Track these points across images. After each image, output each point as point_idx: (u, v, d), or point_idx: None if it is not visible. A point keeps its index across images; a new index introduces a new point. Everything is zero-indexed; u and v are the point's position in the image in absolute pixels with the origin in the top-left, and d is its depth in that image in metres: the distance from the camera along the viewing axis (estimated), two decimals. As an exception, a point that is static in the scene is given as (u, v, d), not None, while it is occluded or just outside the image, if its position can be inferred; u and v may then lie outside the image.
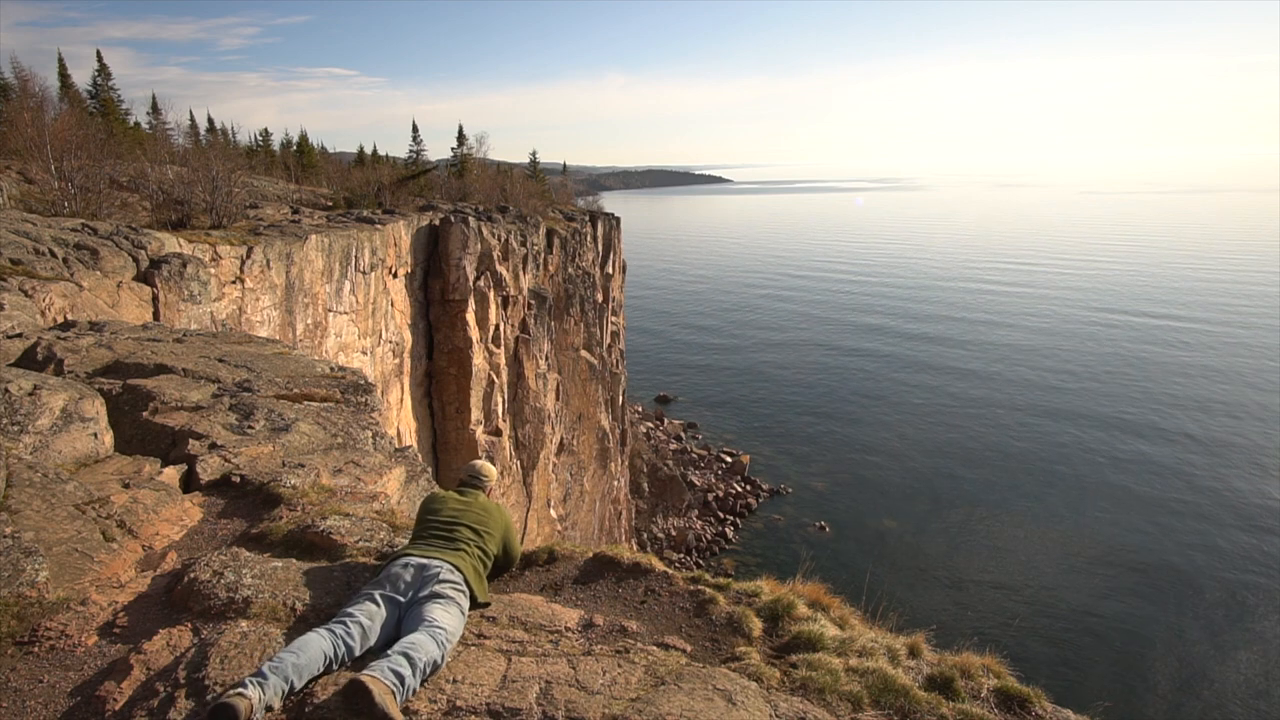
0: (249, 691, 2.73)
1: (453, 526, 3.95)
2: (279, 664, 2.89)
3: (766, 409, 69.32)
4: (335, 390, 7.01)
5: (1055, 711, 3.52)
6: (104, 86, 38.91)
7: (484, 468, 4.64)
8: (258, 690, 2.75)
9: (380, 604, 3.36)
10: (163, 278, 12.02)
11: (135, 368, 6.82)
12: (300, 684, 2.92)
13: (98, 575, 3.75)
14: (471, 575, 3.68)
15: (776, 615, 3.95)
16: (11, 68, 32.11)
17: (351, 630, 3.16)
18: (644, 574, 4.22)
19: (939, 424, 62.91)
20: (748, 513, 52.47)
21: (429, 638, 3.10)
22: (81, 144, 18.47)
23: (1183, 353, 77.55)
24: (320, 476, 5.15)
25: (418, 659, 2.97)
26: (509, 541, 4.25)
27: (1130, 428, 59.53)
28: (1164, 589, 40.10)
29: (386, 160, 53.04)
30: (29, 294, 9.26)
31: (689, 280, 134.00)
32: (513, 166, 63.37)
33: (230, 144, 43.98)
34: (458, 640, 3.32)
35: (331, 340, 20.82)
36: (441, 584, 3.49)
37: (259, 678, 2.81)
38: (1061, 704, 3.61)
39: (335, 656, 3.06)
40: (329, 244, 20.68)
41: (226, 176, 19.35)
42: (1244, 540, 43.64)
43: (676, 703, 2.88)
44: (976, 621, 36.32)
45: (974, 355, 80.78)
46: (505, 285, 31.81)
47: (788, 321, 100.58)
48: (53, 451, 4.95)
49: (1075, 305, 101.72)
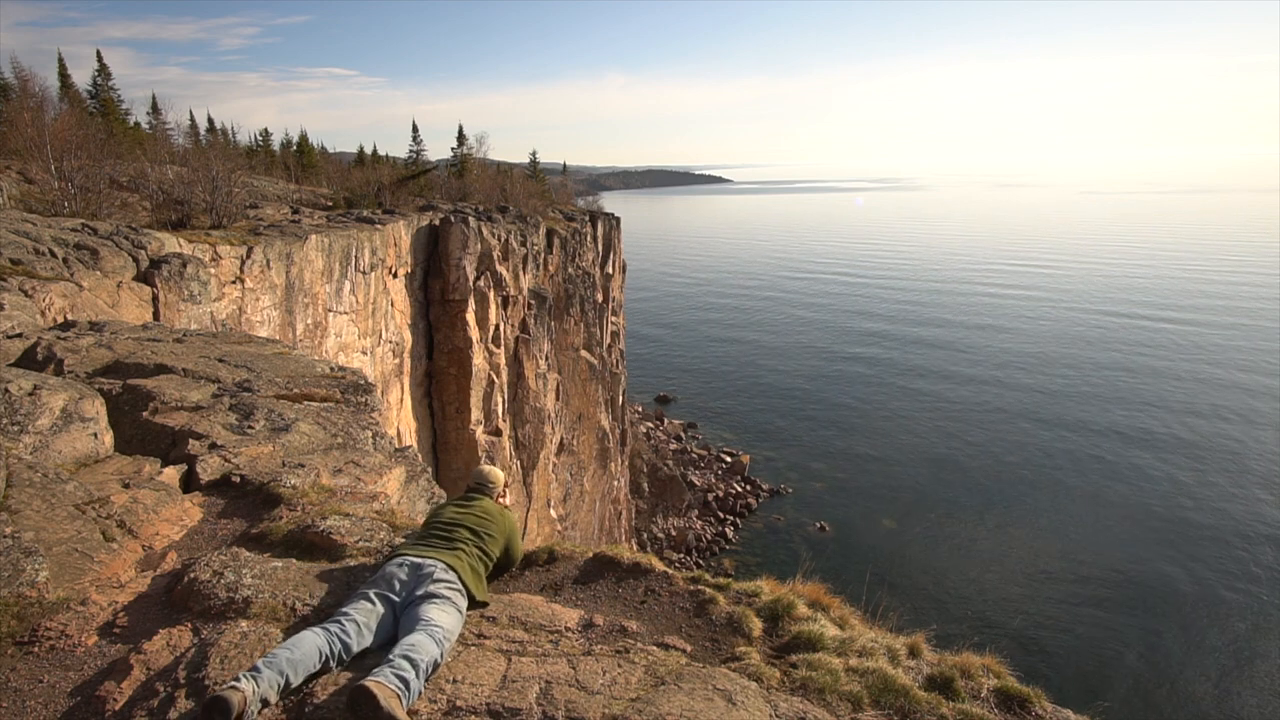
0: (243, 685, 2.73)
1: (452, 528, 3.97)
2: (273, 659, 2.89)
3: (767, 409, 69.32)
4: (335, 390, 7.01)
5: (1055, 711, 3.52)
6: (104, 86, 38.91)
7: (491, 473, 4.64)
8: (251, 684, 2.75)
9: (376, 602, 3.35)
10: (163, 278, 12.01)
11: (135, 368, 6.82)
12: (296, 680, 2.92)
13: (98, 575, 3.75)
14: (468, 574, 3.68)
15: (776, 615, 3.94)
16: (11, 68, 32.14)
17: (347, 628, 3.16)
18: (644, 574, 4.22)
19: (939, 424, 62.91)
20: (748, 513, 52.46)
21: (428, 637, 3.10)
22: (81, 144, 18.46)
23: (1183, 353, 77.56)
24: (320, 476, 5.14)
25: (420, 660, 2.96)
26: (512, 544, 4.25)
27: (1131, 429, 59.52)
28: (1164, 590, 40.10)
29: (386, 160, 53.04)
30: (29, 294, 9.26)
31: (689, 280, 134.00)
32: (513, 166, 63.37)
33: (230, 144, 43.98)
34: (456, 639, 3.32)
35: (331, 340, 20.82)
36: (436, 583, 3.48)
37: (253, 672, 2.82)
38: (1061, 704, 3.61)
39: (331, 654, 3.06)
40: (329, 244, 20.68)
41: (226, 176, 19.35)
42: (1245, 542, 43.64)
43: (676, 703, 2.88)
44: (976, 621, 36.34)
45: (974, 356, 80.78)
46: (505, 285, 31.82)
47: (788, 321, 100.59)
48: (53, 451, 4.95)
49: (1076, 306, 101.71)
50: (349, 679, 3.00)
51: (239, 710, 2.66)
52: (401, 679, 2.83)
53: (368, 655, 3.19)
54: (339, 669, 3.09)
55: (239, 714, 2.67)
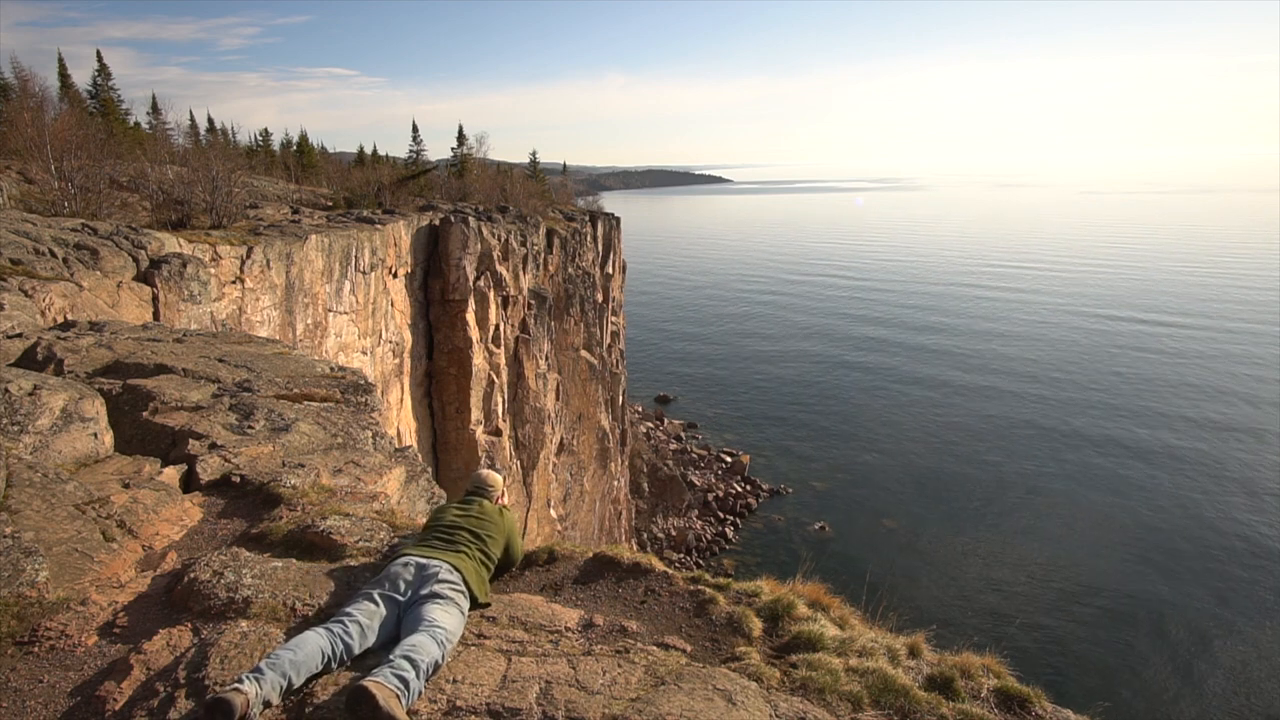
0: (245, 686, 2.73)
1: (453, 530, 3.98)
2: (276, 660, 2.89)
3: (766, 409, 69.31)
4: (335, 390, 7.01)
5: (1055, 711, 3.52)
6: (104, 86, 38.91)
7: (489, 477, 4.64)
8: (254, 685, 2.76)
9: (379, 603, 3.35)
10: (163, 278, 12.01)
11: (135, 368, 6.81)
12: (298, 681, 2.92)
13: (98, 575, 3.75)
14: (471, 575, 3.68)
15: (776, 615, 3.94)
16: (11, 68, 32.14)
17: (350, 629, 3.16)
18: (644, 574, 4.22)
19: (940, 424, 62.89)
20: (748, 513, 52.45)
21: (429, 638, 3.10)
22: (81, 144, 18.46)
23: (1182, 355, 77.56)
24: (320, 476, 5.14)
25: (420, 660, 2.96)
26: (512, 544, 4.27)
27: (1132, 429, 59.52)
28: (1164, 590, 40.09)
29: (386, 160, 53.03)
30: (29, 294, 9.26)
31: (689, 280, 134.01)
32: (513, 166, 63.36)
33: (230, 144, 43.98)
34: (458, 640, 3.32)
35: (331, 340, 20.82)
36: (440, 584, 3.48)
37: (256, 673, 2.81)
38: (1061, 704, 3.61)
39: (334, 655, 3.06)
40: (329, 244, 20.68)
41: (226, 176, 19.35)
42: (1245, 543, 43.64)
43: (676, 703, 2.88)
44: (976, 621, 36.31)
45: (975, 356, 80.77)
46: (505, 285, 31.82)
47: (788, 321, 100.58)
48: (53, 451, 4.95)
49: (1076, 306, 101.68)
50: (349, 679, 3.00)
51: (242, 712, 2.66)
52: (401, 679, 2.83)
53: (369, 655, 3.19)
54: (340, 669, 3.09)
55: (241, 716, 2.67)
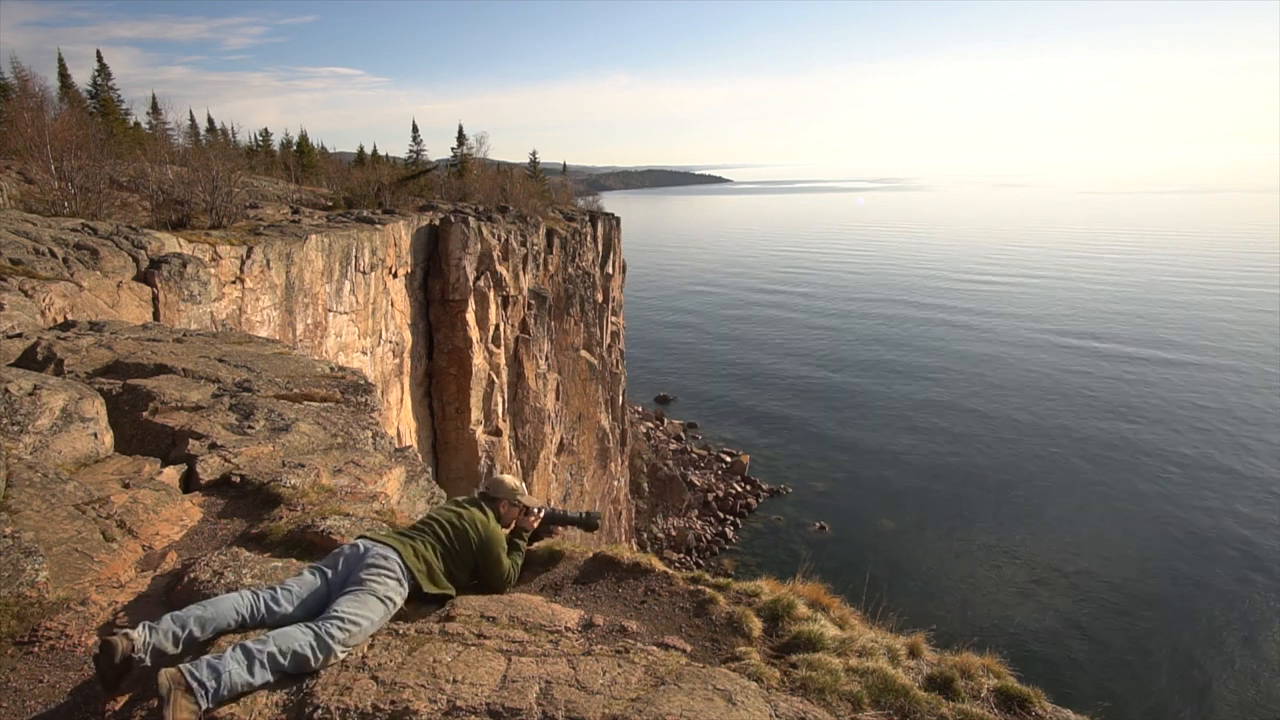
0: (134, 633, 2.79)
1: (424, 522, 3.90)
2: (181, 613, 2.97)
3: (766, 409, 69.31)
4: (335, 390, 7.01)
5: (1055, 711, 3.51)
6: (104, 86, 38.91)
7: (496, 482, 4.39)
8: (144, 633, 2.82)
9: (315, 576, 3.36)
10: (163, 278, 12.02)
11: (135, 368, 6.82)
12: (203, 635, 2.97)
13: (98, 575, 3.75)
14: (411, 559, 3.52)
15: (776, 615, 3.94)
16: (11, 67, 32.15)
17: (278, 595, 3.19)
18: (644, 574, 4.22)
19: (940, 424, 62.90)
20: (748, 513, 52.46)
21: (303, 631, 2.97)
22: (81, 144, 18.48)
23: (1179, 358, 77.57)
24: (320, 476, 5.14)
25: (259, 651, 2.80)
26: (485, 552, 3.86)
27: (1132, 430, 59.51)
28: (1164, 590, 40.09)
29: (386, 160, 53.03)
30: (29, 294, 9.26)
31: (689, 280, 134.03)
32: (513, 166, 63.37)
33: (230, 144, 43.99)
34: (368, 632, 3.16)
35: (331, 340, 20.82)
36: (369, 569, 3.34)
37: (151, 621, 2.87)
38: (1061, 704, 3.61)
39: (251, 615, 3.10)
40: (329, 244, 20.68)
41: (226, 176, 19.35)
42: (1245, 543, 43.65)
43: (676, 703, 2.88)
44: (976, 621, 36.31)
45: (975, 356, 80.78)
46: (505, 285, 31.82)
47: (788, 321, 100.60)
48: (53, 451, 4.95)
49: (1076, 306, 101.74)
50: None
51: (123, 655, 2.72)
52: (213, 670, 2.69)
53: (286, 623, 3.13)
54: (260, 629, 3.10)
55: (124, 659, 2.73)
